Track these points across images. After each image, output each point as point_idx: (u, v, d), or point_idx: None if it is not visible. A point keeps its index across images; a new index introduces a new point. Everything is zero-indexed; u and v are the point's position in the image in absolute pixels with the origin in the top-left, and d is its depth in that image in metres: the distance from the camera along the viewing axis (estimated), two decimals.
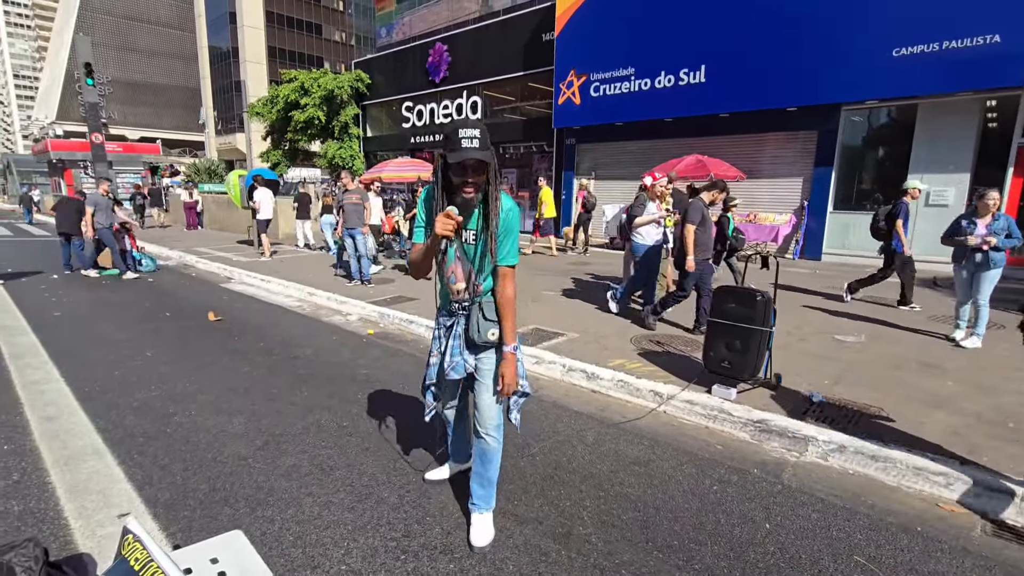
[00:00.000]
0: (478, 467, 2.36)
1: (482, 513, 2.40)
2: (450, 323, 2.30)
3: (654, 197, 6.04)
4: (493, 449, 2.32)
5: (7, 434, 3.31)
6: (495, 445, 2.31)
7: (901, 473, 2.90)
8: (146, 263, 10.01)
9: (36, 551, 1.76)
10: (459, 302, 2.24)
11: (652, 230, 5.87)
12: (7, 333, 5.62)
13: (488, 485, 2.38)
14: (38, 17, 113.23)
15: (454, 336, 2.27)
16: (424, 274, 2.23)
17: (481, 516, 2.39)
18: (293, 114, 23.82)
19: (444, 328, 2.34)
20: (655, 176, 6.21)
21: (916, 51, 9.53)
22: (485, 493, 2.39)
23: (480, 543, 2.30)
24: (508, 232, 2.14)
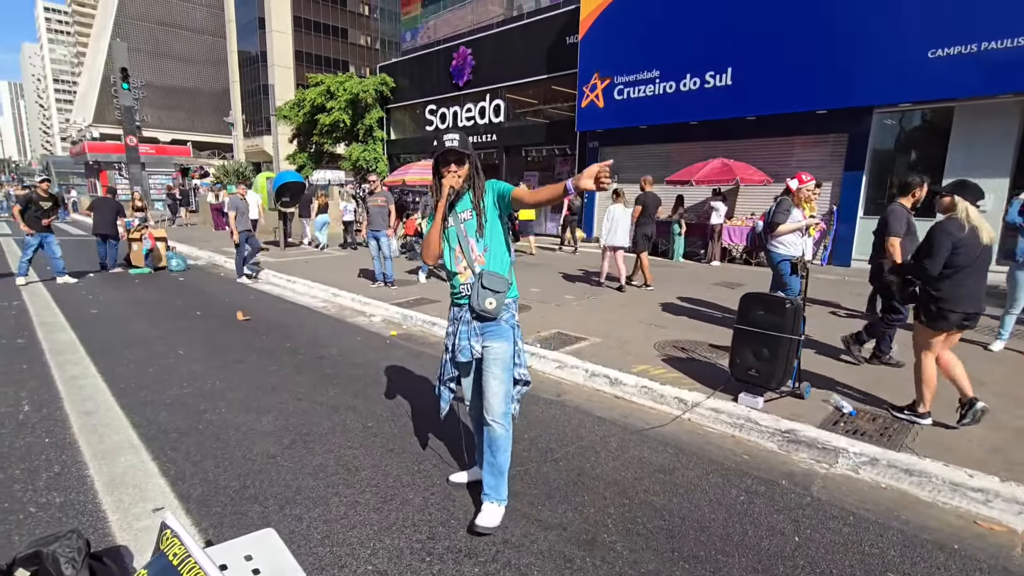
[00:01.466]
0: (488, 456, 2.46)
1: (491, 503, 2.47)
2: (460, 313, 2.47)
3: (799, 202, 5.40)
4: (500, 436, 2.41)
5: (49, 427, 3.44)
6: (502, 432, 2.41)
7: (937, 488, 2.81)
8: (177, 262, 10.29)
9: (79, 542, 1.83)
10: (465, 284, 2.43)
11: (795, 239, 5.32)
12: (47, 330, 5.83)
13: (498, 474, 2.45)
14: (77, 24, 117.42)
15: (463, 322, 2.44)
16: (434, 254, 2.50)
17: (490, 505, 2.46)
18: (319, 117, 24.26)
19: (454, 319, 2.51)
20: (802, 178, 5.44)
21: (953, 52, 9.25)
22: (495, 483, 2.46)
23: (483, 523, 2.39)
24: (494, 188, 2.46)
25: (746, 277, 9.75)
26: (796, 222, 5.27)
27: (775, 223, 5.28)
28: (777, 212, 5.32)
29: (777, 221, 5.28)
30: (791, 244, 5.30)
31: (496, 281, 2.35)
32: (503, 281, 2.36)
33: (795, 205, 5.36)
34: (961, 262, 3.29)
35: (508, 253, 2.49)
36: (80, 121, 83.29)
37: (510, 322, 2.46)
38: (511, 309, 2.48)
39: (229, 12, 58.87)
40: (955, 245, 3.27)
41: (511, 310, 2.48)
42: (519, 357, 2.51)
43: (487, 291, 2.33)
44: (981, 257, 3.33)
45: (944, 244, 3.29)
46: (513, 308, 2.50)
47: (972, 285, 3.34)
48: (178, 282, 9.14)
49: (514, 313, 2.50)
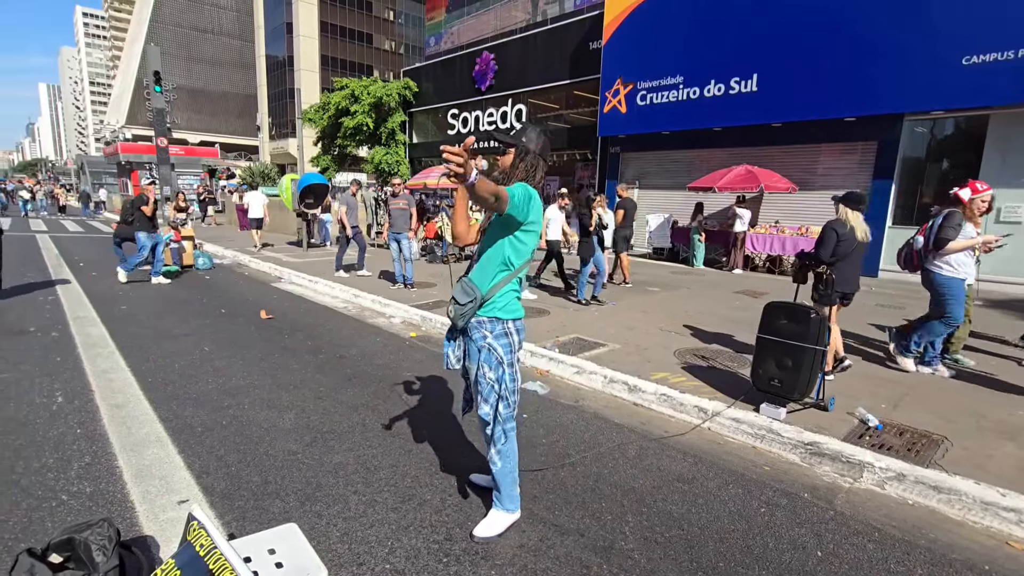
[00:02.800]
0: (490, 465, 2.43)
1: (494, 509, 2.48)
2: None
3: (971, 216, 4.71)
4: (491, 454, 2.37)
5: (80, 419, 3.55)
6: (491, 451, 2.36)
7: (967, 507, 2.73)
8: (203, 261, 10.53)
9: (110, 531, 1.88)
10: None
11: (966, 259, 4.68)
12: (80, 324, 6.01)
13: (498, 487, 2.42)
14: (114, 29, 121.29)
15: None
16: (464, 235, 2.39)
17: (493, 511, 2.47)
18: (343, 120, 24.62)
19: None
20: (976, 187, 4.75)
21: (989, 59, 9.02)
22: (496, 493, 2.46)
23: (479, 532, 2.40)
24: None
25: (769, 286, 9.60)
26: (968, 238, 4.60)
27: (943, 239, 4.60)
28: (946, 227, 4.61)
29: (946, 237, 4.59)
30: (960, 265, 4.65)
31: (464, 291, 2.22)
32: (469, 294, 2.21)
33: (967, 219, 4.68)
34: (841, 252, 4.31)
35: (502, 268, 2.24)
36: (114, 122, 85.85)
37: (478, 342, 2.26)
38: (484, 328, 2.25)
39: (258, 17, 60.26)
40: (839, 238, 4.28)
41: (484, 328, 2.25)
42: (479, 384, 2.27)
43: (453, 300, 2.26)
44: (856, 250, 4.40)
45: (831, 237, 4.32)
46: (488, 327, 2.25)
47: (849, 272, 4.42)
48: (204, 280, 9.35)
49: (487, 333, 2.25)
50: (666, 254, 13.50)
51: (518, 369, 2.36)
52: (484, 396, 2.29)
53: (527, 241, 2.24)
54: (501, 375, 2.26)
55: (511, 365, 2.29)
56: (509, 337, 2.28)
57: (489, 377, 2.26)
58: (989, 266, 9.72)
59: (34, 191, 30.98)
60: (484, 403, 2.29)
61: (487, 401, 2.28)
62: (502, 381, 2.27)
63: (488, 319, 2.25)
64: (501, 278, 2.24)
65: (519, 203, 2.07)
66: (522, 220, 2.15)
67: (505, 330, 2.27)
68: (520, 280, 2.35)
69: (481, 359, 2.27)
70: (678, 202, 14.08)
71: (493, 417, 2.29)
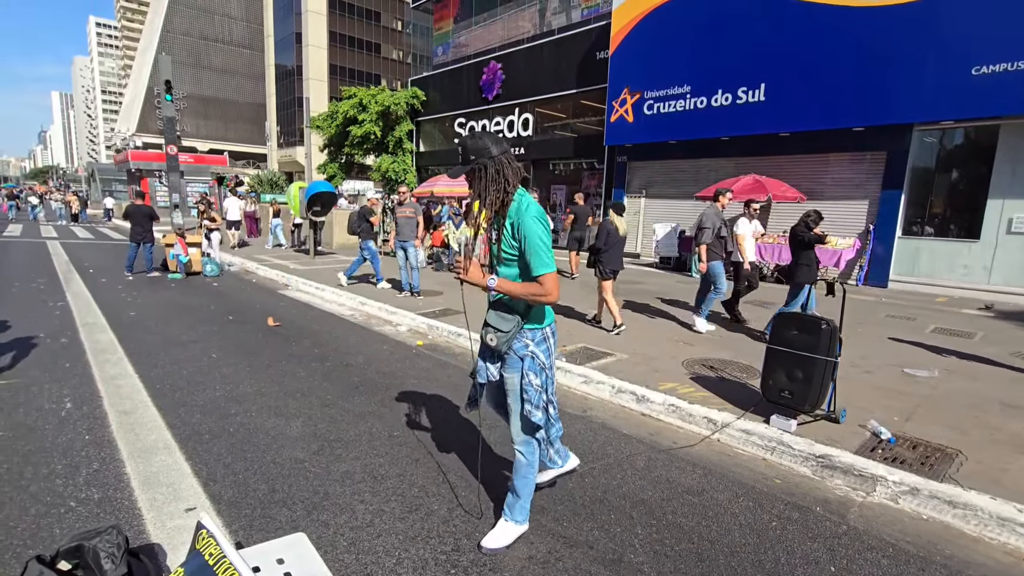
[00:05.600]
0: (513, 476, 2.45)
1: (505, 520, 2.46)
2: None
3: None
4: (521, 463, 2.40)
5: (89, 425, 3.56)
6: (523, 460, 2.40)
7: (983, 522, 2.68)
8: (211, 268, 10.59)
9: (119, 539, 1.88)
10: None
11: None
12: (89, 330, 6.05)
13: (515, 495, 2.44)
14: (125, 38, 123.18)
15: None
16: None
17: (503, 523, 2.46)
18: (351, 129, 24.80)
19: None
20: None
21: (999, 69, 8.98)
22: (511, 502, 2.46)
23: (487, 544, 2.39)
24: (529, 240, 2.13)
25: (778, 296, 9.53)
26: None
27: None
28: None
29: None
30: None
31: (502, 320, 2.23)
32: (508, 320, 2.22)
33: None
34: (610, 243, 6.22)
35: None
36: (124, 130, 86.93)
37: (519, 352, 2.28)
38: (525, 337, 2.28)
39: (268, 27, 61.06)
40: (608, 233, 6.21)
41: (525, 339, 2.28)
42: (526, 392, 2.27)
43: (489, 327, 2.26)
44: (619, 242, 6.29)
45: (603, 231, 6.27)
46: (530, 336, 2.28)
47: (615, 256, 6.28)
48: (212, 287, 9.40)
49: (529, 342, 2.28)
50: (673, 263, 13.45)
51: (552, 376, 2.40)
52: (534, 403, 2.28)
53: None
54: (545, 380, 2.32)
55: (551, 368, 2.35)
56: (547, 341, 2.34)
57: (536, 384, 2.29)
58: (1002, 276, 9.64)
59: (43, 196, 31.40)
60: (536, 409, 2.29)
61: (538, 407, 2.30)
62: (546, 385, 2.33)
63: (528, 329, 2.28)
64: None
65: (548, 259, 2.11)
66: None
67: (544, 335, 2.32)
68: None
69: (525, 367, 2.28)
70: (685, 211, 14.06)
71: (546, 421, 2.35)
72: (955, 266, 10.22)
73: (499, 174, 2.15)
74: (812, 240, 5.76)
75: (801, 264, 5.90)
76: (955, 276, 10.17)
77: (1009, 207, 9.57)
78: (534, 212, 2.15)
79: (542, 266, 2.10)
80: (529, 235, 2.11)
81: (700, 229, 6.49)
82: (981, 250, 9.92)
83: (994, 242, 9.76)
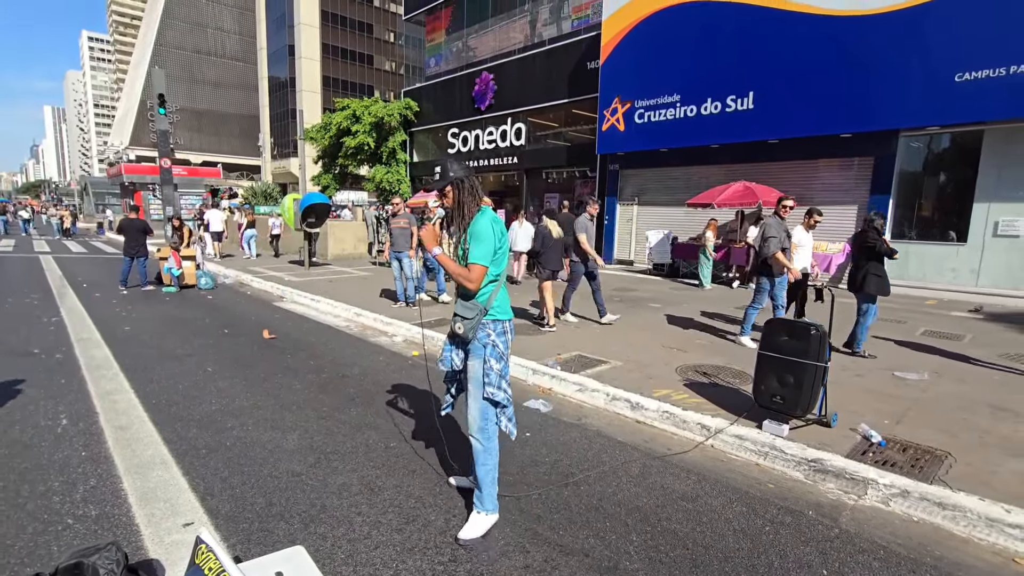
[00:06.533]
0: (474, 466, 2.64)
1: (476, 512, 2.63)
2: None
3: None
4: (478, 451, 2.61)
5: (85, 441, 3.56)
6: (479, 447, 2.61)
7: (972, 524, 2.73)
8: (206, 281, 10.58)
9: (118, 555, 1.89)
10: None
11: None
12: (84, 346, 6.04)
13: (479, 485, 2.62)
14: (118, 52, 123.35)
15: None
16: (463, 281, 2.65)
17: (475, 515, 2.63)
18: (344, 140, 24.89)
19: None
20: None
21: (981, 76, 9.17)
22: (477, 493, 2.64)
23: (463, 535, 2.56)
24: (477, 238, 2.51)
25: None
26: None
27: None
28: None
29: None
30: None
31: (466, 309, 2.54)
32: (472, 308, 2.53)
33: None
34: (547, 245, 6.96)
35: (489, 280, 2.56)
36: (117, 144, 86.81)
37: (483, 340, 2.57)
38: (488, 328, 2.57)
39: (261, 40, 61.30)
40: (544, 237, 6.99)
41: (488, 329, 2.57)
42: (487, 376, 2.56)
43: (457, 317, 2.57)
44: (555, 244, 6.98)
45: (539, 235, 7.07)
46: (492, 328, 2.58)
47: (553, 257, 6.99)
48: (207, 300, 9.39)
49: (491, 332, 2.57)
50: (666, 270, 13.54)
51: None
52: (495, 385, 2.56)
53: (498, 258, 2.57)
54: (504, 367, 2.62)
55: (507, 359, 2.66)
56: (507, 335, 2.64)
57: (497, 368, 2.57)
58: (989, 279, 9.77)
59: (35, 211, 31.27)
60: (498, 390, 2.57)
61: (500, 388, 2.57)
62: (504, 372, 2.62)
63: (491, 321, 2.59)
64: (492, 288, 2.58)
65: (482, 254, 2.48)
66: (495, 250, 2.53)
67: (504, 328, 2.63)
68: (505, 286, 2.69)
69: (487, 354, 2.57)
70: (677, 218, 14.19)
71: (509, 399, 2.63)
72: (944, 269, 10.36)
73: (473, 189, 2.59)
74: (886, 253, 5.52)
75: (871, 275, 5.60)
76: (944, 279, 10.31)
77: (995, 210, 9.73)
78: (490, 216, 2.56)
79: (476, 256, 2.48)
80: (478, 232, 2.50)
81: (765, 239, 5.93)
82: (969, 253, 10.06)
83: (981, 245, 9.90)
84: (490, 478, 2.62)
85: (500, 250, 2.57)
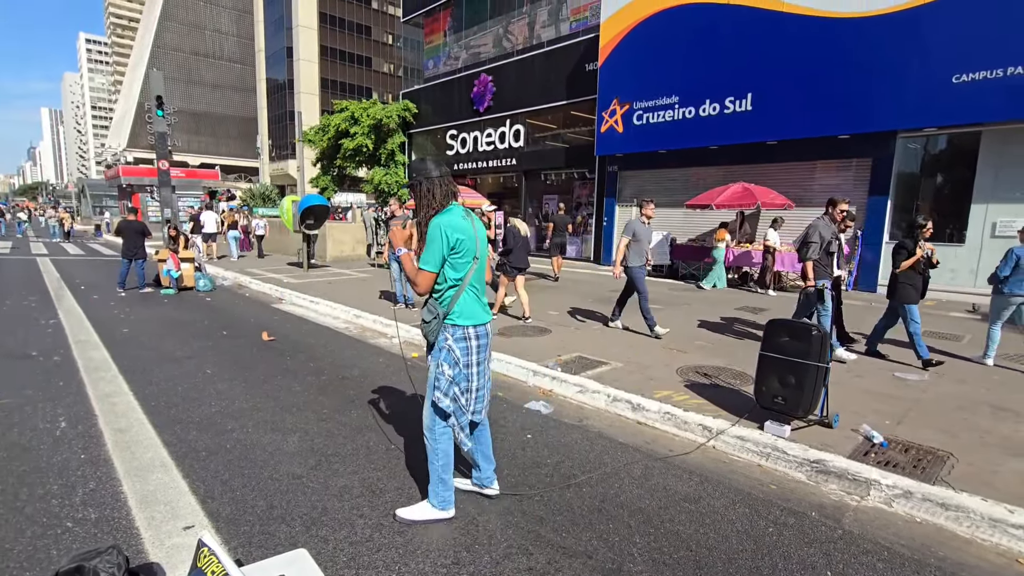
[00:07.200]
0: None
1: (427, 501, 2.73)
2: None
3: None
4: (428, 448, 2.69)
5: (84, 444, 3.54)
6: (427, 445, 2.69)
7: (975, 524, 2.72)
8: (204, 282, 10.55)
9: (119, 559, 1.88)
10: None
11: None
12: (82, 348, 6.01)
13: (430, 480, 2.70)
14: (116, 54, 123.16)
15: None
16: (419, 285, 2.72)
17: (423, 502, 2.75)
18: (343, 142, 24.87)
19: None
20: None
21: (979, 77, 9.19)
22: (429, 486, 2.71)
23: (399, 513, 2.71)
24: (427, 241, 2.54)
25: (771, 303, 9.64)
26: None
27: None
28: None
29: None
30: None
31: (429, 311, 2.59)
32: (433, 312, 2.57)
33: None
34: (513, 244, 7.27)
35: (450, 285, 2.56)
36: (115, 146, 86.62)
37: (440, 344, 2.60)
38: (447, 332, 2.58)
39: (259, 42, 61.29)
40: (514, 236, 7.31)
41: (447, 332, 2.58)
42: (437, 380, 2.58)
43: (422, 320, 2.63)
44: (522, 242, 7.36)
45: (509, 235, 7.35)
46: (450, 332, 2.57)
47: (520, 255, 7.32)
48: (205, 302, 9.37)
49: (448, 337, 2.57)
50: (665, 271, 13.55)
51: (477, 373, 2.64)
52: (443, 390, 2.56)
53: (456, 261, 2.53)
54: (457, 374, 2.58)
55: (467, 366, 2.61)
56: (468, 341, 2.59)
57: (448, 374, 2.56)
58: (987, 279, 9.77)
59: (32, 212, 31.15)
60: (444, 396, 2.56)
61: (446, 395, 2.56)
62: (459, 381, 2.59)
63: (451, 326, 2.58)
64: (453, 292, 2.56)
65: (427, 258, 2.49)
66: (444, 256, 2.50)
67: (465, 335, 2.58)
68: (476, 288, 2.62)
69: (441, 358, 2.58)
70: (676, 220, 14.19)
71: (454, 408, 2.59)
72: (942, 270, 10.33)
73: (429, 192, 2.56)
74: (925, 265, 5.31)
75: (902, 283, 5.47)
76: (942, 280, 10.31)
77: (993, 211, 9.75)
78: (442, 221, 2.50)
79: (422, 260, 2.51)
80: (428, 236, 2.51)
81: (805, 243, 5.52)
82: (967, 254, 10.08)
83: (979, 246, 9.92)
84: (436, 476, 2.66)
85: (456, 255, 2.50)
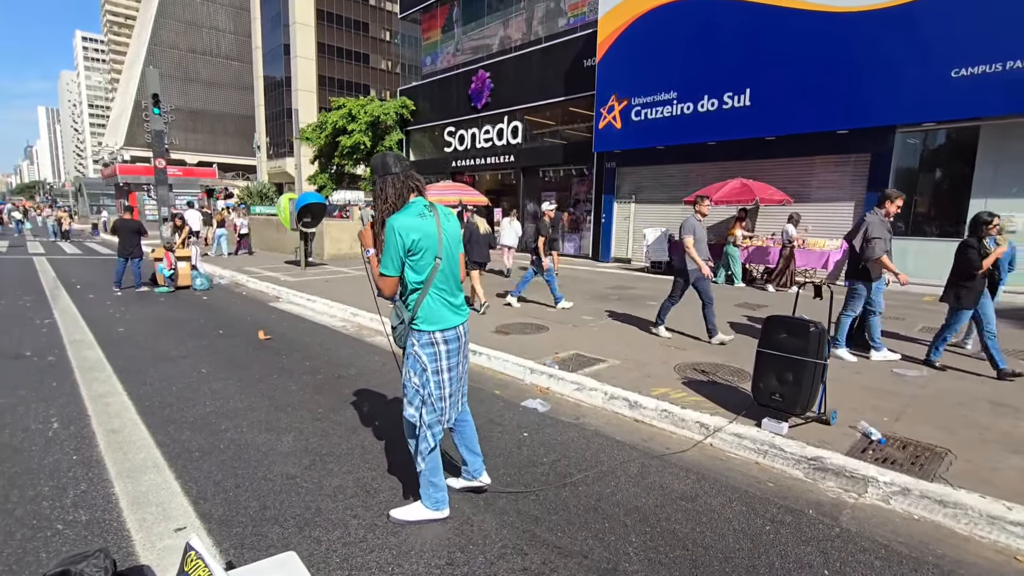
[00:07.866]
0: None
1: (419, 501, 2.70)
2: None
3: None
4: (412, 453, 2.64)
5: (76, 445, 3.51)
6: (411, 450, 2.65)
7: (973, 521, 2.70)
8: (201, 281, 10.51)
9: (106, 562, 1.85)
10: None
11: None
12: (77, 348, 5.98)
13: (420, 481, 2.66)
14: (112, 52, 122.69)
15: None
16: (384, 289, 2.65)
17: (416, 502, 2.72)
18: (340, 139, 24.82)
19: None
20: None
21: (977, 71, 9.15)
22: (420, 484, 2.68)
23: (392, 514, 2.69)
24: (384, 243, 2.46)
25: (770, 299, 9.62)
26: None
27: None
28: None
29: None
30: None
31: (396, 315, 2.54)
32: (399, 316, 2.53)
33: None
34: (474, 239, 7.73)
35: (412, 289, 2.47)
36: (112, 144, 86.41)
37: (408, 351, 2.54)
38: (413, 338, 2.51)
39: (256, 39, 61.05)
40: (472, 232, 7.73)
41: (413, 338, 2.51)
42: (404, 388, 2.54)
43: (391, 325, 2.58)
44: (482, 238, 7.87)
45: (467, 231, 7.55)
46: (416, 338, 2.49)
47: (478, 249, 7.75)
48: (202, 301, 9.33)
49: (415, 343, 2.49)
50: (664, 268, 13.52)
51: (448, 380, 2.55)
52: (409, 399, 2.53)
53: (415, 263, 2.42)
54: (425, 381, 2.50)
55: (436, 373, 2.51)
56: (435, 347, 2.50)
57: (414, 382, 2.51)
58: None
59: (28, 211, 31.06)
60: (409, 405, 2.53)
61: (412, 404, 2.52)
62: (426, 386, 2.50)
63: (416, 331, 2.50)
64: (416, 296, 2.47)
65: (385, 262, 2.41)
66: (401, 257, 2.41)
67: (431, 340, 2.49)
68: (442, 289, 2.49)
69: (408, 365, 2.54)
70: (675, 216, 14.16)
71: (419, 419, 2.52)
72: (941, 265, 10.34)
73: (382, 191, 2.50)
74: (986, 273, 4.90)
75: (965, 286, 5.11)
76: (941, 275, 10.27)
77: (992, 206, 9.70)
78: (395, 221, 2.38)
79: (383, 266, 2.42)
80: (385, 238, 2.41)
81: (868, 240, 5.28)
82: None
83: None
84: (425, 480, 2.62)
85: (414, 256, 2.38)
